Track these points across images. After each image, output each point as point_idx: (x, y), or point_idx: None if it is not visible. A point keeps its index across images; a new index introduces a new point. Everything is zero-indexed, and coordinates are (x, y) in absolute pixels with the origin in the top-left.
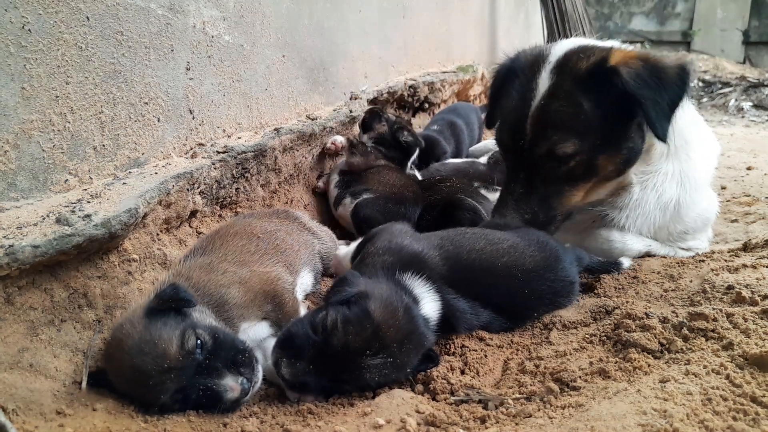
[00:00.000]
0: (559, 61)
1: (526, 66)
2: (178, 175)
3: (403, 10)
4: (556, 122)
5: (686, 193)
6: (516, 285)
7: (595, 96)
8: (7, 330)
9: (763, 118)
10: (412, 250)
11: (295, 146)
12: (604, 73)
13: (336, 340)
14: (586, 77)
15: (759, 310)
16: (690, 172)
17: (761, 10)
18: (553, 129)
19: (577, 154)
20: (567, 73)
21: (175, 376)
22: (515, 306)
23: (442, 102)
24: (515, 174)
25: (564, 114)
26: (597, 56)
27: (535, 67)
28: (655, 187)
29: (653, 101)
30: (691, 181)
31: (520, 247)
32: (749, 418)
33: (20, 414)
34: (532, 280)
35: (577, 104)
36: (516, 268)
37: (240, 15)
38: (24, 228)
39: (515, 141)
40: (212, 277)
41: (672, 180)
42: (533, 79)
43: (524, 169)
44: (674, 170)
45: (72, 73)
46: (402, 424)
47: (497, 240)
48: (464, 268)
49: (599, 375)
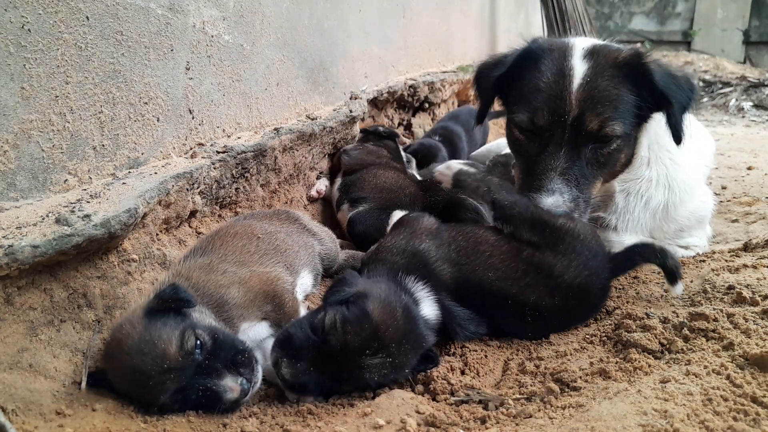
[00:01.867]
0: (587, 50)
1: (552, 49)
2: (178, 175)
3: (403, 10)
4: (604, 99)
5: (676, 196)
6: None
7: (631, 85)
8: (6, 330)
9: (764, 117)
10: (424, 258)
11: (295, 146)
12: (638, 65)
13: (335, 340)
14: (624, 65)
15: (760, 311)
16: (678, 175)
17: (761, 9)
18: (602, 105)
19: (619, 137)
20: (603, 59)
21: (174, 376)
22: (519, 334)
23: (442, 102)
24: (553, 150)
25: (611, 93)
26: (630, 50)
27: (563, 51)
28: (639, 194)
29: (678, 102)
30: (680, 185)
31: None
32: (750, 419)
33: (20, 414)
34: (558, 317)
35: (619, 87)
36: (529, 309)
37: (240, 15)
38: (23, 228)
39: (555, 116)
40: (212, 278)
41: (658, 186)
42: (565, 61)
43: (566, 145)
44: (659, 176)
45: (71, 72)
46: (402, 424)
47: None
48: (473, 287)
49: (600, 375)
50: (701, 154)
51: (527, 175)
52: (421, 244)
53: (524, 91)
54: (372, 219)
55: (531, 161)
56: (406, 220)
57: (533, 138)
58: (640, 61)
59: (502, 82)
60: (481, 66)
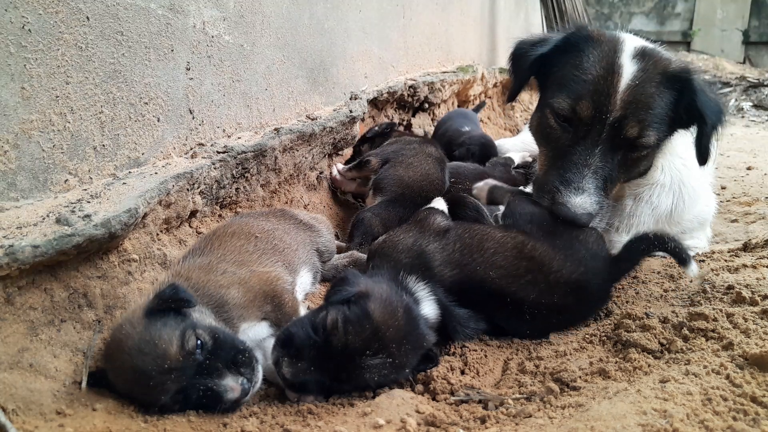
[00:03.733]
0: (638, 50)
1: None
2: (178, 175)
3: (403, 10)
4: (649, 106)
5: (683, 202)
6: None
7: (673, 98)
8: (7, 330)
9: (763, 118)
10: (427, 260)
11: (295, 146)
12: (685, 80)
13: (336, 340)
14: (672, 77)
15: (759, 310)
16: (688, 182)
17: (761, 10)
18: (645, 112)
19: (651, 147)
20: (653, 65)
21: (175, 376)
22: (518, 332)
23: (442, 102)
24: (588, 147)
25: (656, 101)
26: (681, 63)
27: (613, 45)
28: (650, 200)
29: (712, 123)
30: (690, 192)
31: (542, 286)
32: (749, 418)
33: (20, 414)
34: (556, 315)
35: (663, 97)
36: (527, 306)
37: (240, 15)
38: (24, 228)
39: (598, 111)
40: (212, 278)
41: (669, 192)
42: (615, 56)
43: (602, 143)
44: (672, 181)
45: (72, 72)
46: (402, 424)
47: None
48: (472, 290)
49: (599, 375)
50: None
51: (555, 166)
52: (429, 245)
53: (569, 77)
54: (380, 216)
55: (562, 152)
56: (421, 216)
57: (569, 128)
58: (689, 77)
59: (541, 63)
60: (519, 43)
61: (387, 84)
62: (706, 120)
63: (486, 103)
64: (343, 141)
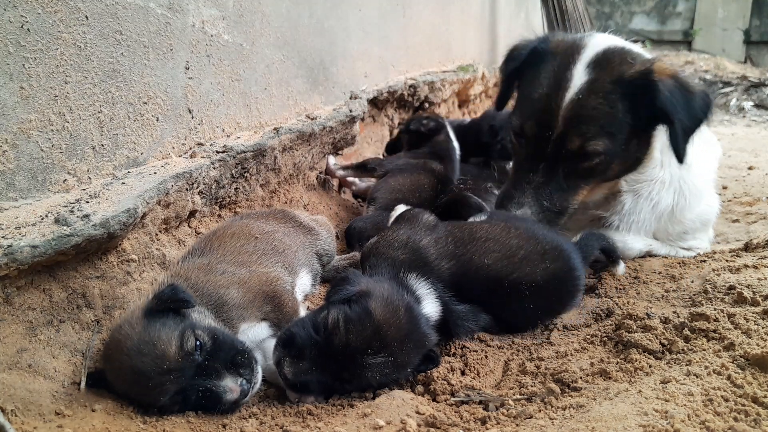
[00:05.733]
0: (597, 57)
1: (558, 52)
2: (177, 175)
3: (403, 10)
4: (592, 118)
5: (685, 200)
6: (522, 300)
7: (630, 103)
8: (5, 330)
9: (765, 117)
10: (424, 255)
11: (294, 146)
12: (645, 84)
13: (337, 340)
14: (628, 83)
15: (760, 311)
16: (690, 179)
17: (762, 9)
18: (587, 125)
19: (603, 154)
20: (607, 73)
21: (174, 377)
22: (517, 318)
23: (442, 101)
24: (534, 163)
25: (600, 112)
26: (642, 66)
27: (569, 56)
28: (649, 196)
29: (681, 122)
30: (691, 188)
31: (534, 258)
32: (750, 419)
33: (19, 414)
34: (541, 295)
35: (614, 105)
36: (525, 285)
37: (239, 14)
38: (22, 228)
39: (541, 130)
40: (211, 278)
41: (669, 188)
42: (567, 69)
43: (546, 160)
44: (672, 178)
45: (71, 72)
46: (402, 425)
47: (512, 252)
48: (470, 280)
49: (600, 376)
50: (713, 159)
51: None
52: (422, 240)
53: (525, 94)
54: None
55: (518, 165)
56: (409, 215)
57: (523, 144)
58: (648, 79)
59: (516, 75)
60: (510, 50)
61: (387, 83)
62: (672, 119)
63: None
64: (343, 140)
